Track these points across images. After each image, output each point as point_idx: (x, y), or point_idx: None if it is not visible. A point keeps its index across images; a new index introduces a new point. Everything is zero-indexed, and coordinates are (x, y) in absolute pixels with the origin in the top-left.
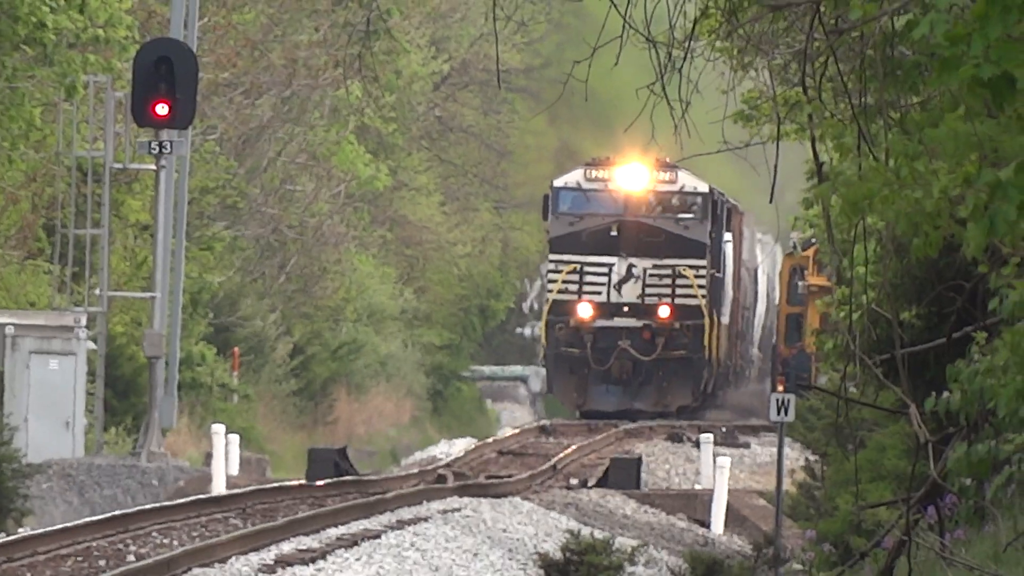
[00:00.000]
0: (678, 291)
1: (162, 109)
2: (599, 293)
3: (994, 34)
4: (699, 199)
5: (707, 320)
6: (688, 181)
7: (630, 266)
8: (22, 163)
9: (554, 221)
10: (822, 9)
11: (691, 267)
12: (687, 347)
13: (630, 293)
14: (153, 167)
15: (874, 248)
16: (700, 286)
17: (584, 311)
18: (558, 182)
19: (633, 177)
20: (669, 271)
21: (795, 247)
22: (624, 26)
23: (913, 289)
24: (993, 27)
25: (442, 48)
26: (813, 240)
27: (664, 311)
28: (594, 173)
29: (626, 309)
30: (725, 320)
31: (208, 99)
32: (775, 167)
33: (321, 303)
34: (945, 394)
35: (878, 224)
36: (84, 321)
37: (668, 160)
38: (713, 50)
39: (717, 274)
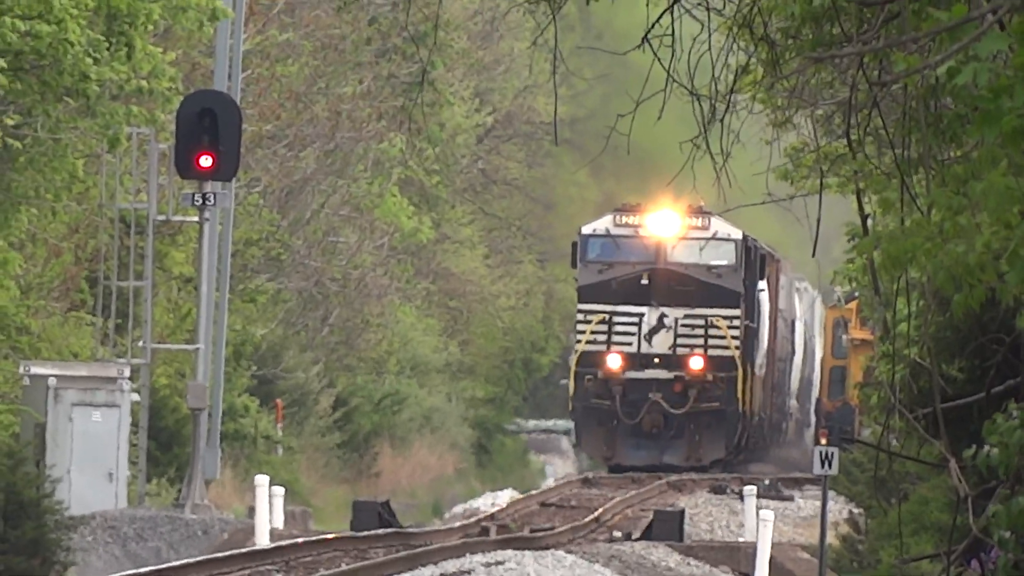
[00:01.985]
0: (711, 341)
1: (206, 161)
2: (629, 344)
3: None
4: (732, 246)
5: (740, 371)
6: (721, 227)
7: (661, 315)
8: (65, 215)
9: (583, 269)
10: (865, 60)
11: (724, 317)
12: (720, 399)
13: (661, 344)
14: (196, 219)
15: (916, 302)
16: (734, 336)
17: (613, 362)
18: (586, 229)
19: (664, 223)
20: (702, 321)
21: (839, 300)
22: (668, 79)
23: (956, 342)
24: None
25: (486, 100)
26: (856, 293)
27: (696, 362)
28: (624, 219)
29: (657, 360)
30: (760, 372)
31: (252, 151)
32: (818, 220)
33: (364, 355)
34: (985, 448)
35: (920, 278)
36: (127, 373)
37: (700, 206)
38: (756, 102)
39: (751, 324)
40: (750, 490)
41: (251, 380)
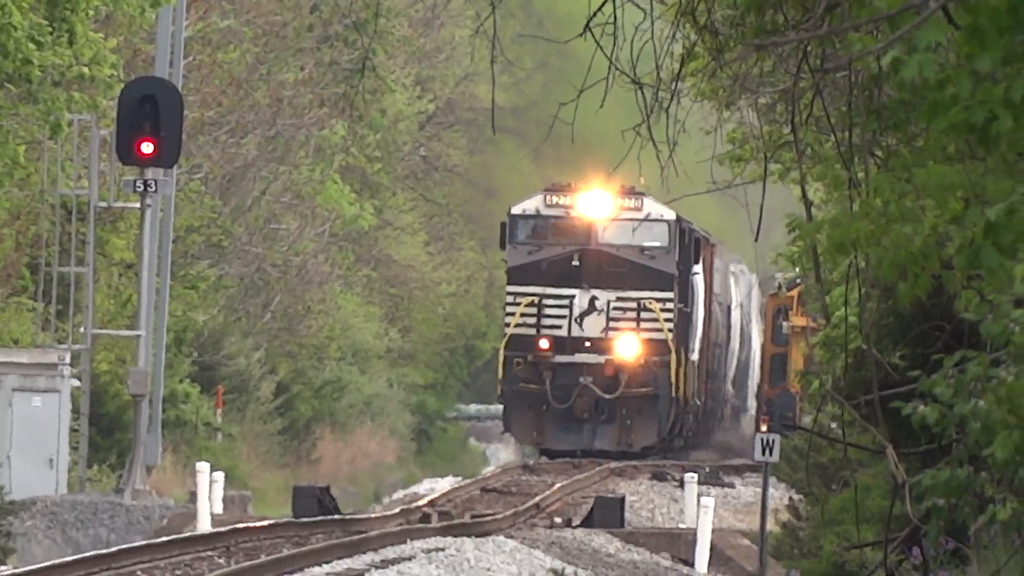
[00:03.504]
0: (643, 325)
1: (147, 148)
2: (559, 327)
3: (985, 65)
4: (665, 227)
5: (674, 356)
6: (654, 208)
7: (592, 298)
8: (6, 201)
9: (512, 250)
10: (808, 48)
11: (657, 299)
12: (652, 384)
13: (592, 327)
14: (138, 206)
15: (859, 289)
16: (667, 320)
17: (543, 346)
18: (516, 209)
19: (596, 204)
20: (634, 304)
21: (779, 288)
22: (610, 68)
23: (898, 329)
24: (981, 62)
25: (427, 87)
26: (798, 280)
27: (628, 346)
28: (554, 199)
29: (588, 344)
30: (694, 356)
31: (193, 138)
32: (761, 206)
33: (305, 342)
34: (921, 406)
35: (861, 264)
36: (68, 359)
37: (633, 186)
38: (699, 92)
39: (685, 308)
40: (691, 477)
41: (192, 366)
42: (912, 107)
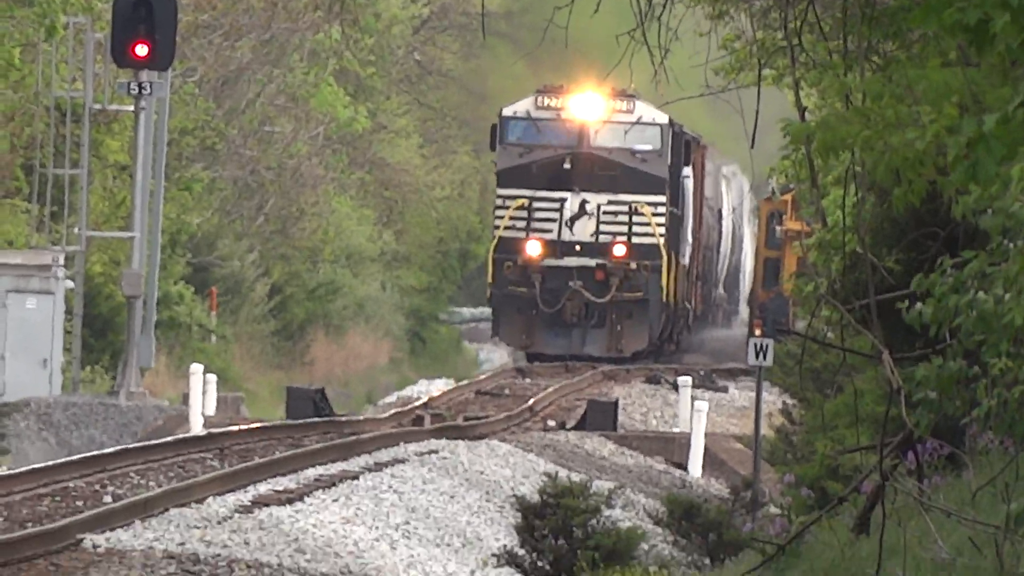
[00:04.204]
0: (634, 229)
1: (142, 50)
2: (550, 230)
3: None
4: (658, 130)
5: (665, 260)
6: (646, 111)
7: (583, 201)
8: (1, 103)
9: (502, 152)
10: None
11: (649, 203)
12: (643, 288)
13: (583, 231)
14: (132, 108)
15: (854, 192)
16: (658, 223)
17: (533, 249)
18: (507, 110)
19: (588, 106)
20: (625, 207)
21: (773, 192)
22: None
23: (893, 234)
24: None
25: None
26: (791, 185)
27: (619, 250)
28: (546, 101)
29: (578, 248)
30: (685, 261)
31: (188, 41)
32: (756, 112)
33: (299, 244)
34: (917, 305)
35: (855, 167)
36: (62, 260)
37: (624, 89)
38: None
39: (676, 211)
40: (684, 381)
41: (186, 268)
42: (908, 12)
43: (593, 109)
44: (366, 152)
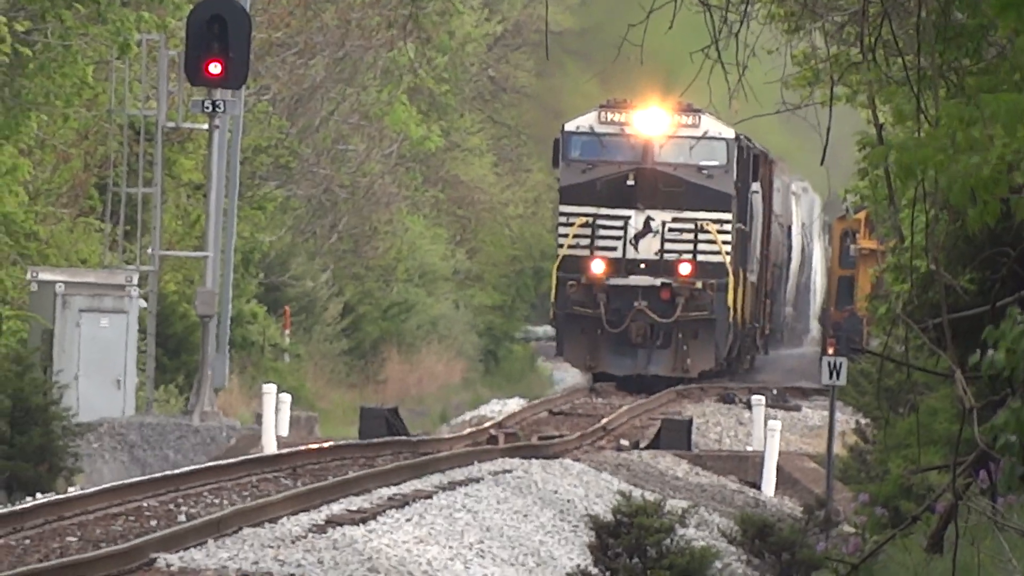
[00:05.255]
0: (700, 247)
1: (215, 68)
2: (614, 248)
3: None
4: (724, 145)
5: (732, 278)
6: (712, 126)
7: (648, 219)
8: (74, 121)
9: (565, 169)
10: None
11: (714, 220)
12: (709, 308)
13: (648, 248)
14: (206, 126)
15: (928, 212)
16: (724, 241)
17: (597, 268)
18: (569, 126)
19: (652, 121)
20: (691, 225)
21: (847, 210)
22: None
23: (967, 253)
24: None
25: (495, 9)
26: (864, 204)
27: (685, 268)
28: (609, 116)
29: (643, 266)
30: (753, 278)
31: (261, 59)
32: (828, 128)
33: (372, 263)
34: (989, 352)
35: (931, 188)
36: (136, 279)
37: (690, 103)
38: (768, 14)
39: (744, 228)
40: (758, 399)
41: (259, 287)
42: (984, 31)
43: (657, 124)
44: (439, 170)
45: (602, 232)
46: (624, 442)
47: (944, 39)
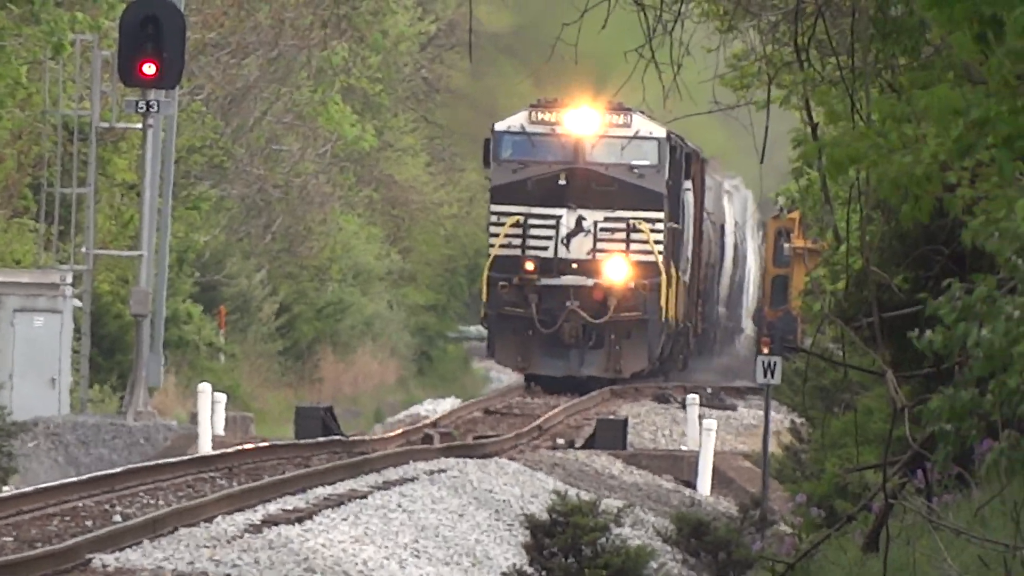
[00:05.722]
0: (632, 246)
1: (149, 68)
2: (545, 248)
3: None
4: (655, 144)
5: (664, 278)
6: (643, 125)
7: (580, 218)
8: (8, 121)
9: (496, 168)
10: None
11: (647, 220)
12: (642, 308)
13: (579, 248)
14: (139, 126)
15: (860, 210)
16: (657, 241)
17: (529, 268)
18: (500, 125)
19: (583, 120)
20: (623, 224)
21: (781, 209)
22: None
23: (902, 252)
24: None
25: (429, 9)
26: (795, 205)
27: (617, 268)
28: (540, 116)
29: (575, 266)
30: (685, 278)
31: (195, 59)
32: (765, 128)
33: (307, 263)
34: (927, 332)
35: (861, 185)
36: (70, 279)
37: (620, 102)
38: (702, 12)
39: (676, 227)
40: (692, 399)
41: (194, 287)
42: (923, 28)
43: (589, 123)
44: (373, 170)
45: (533, 232)
46: (559, 441)
47: (881, 35)
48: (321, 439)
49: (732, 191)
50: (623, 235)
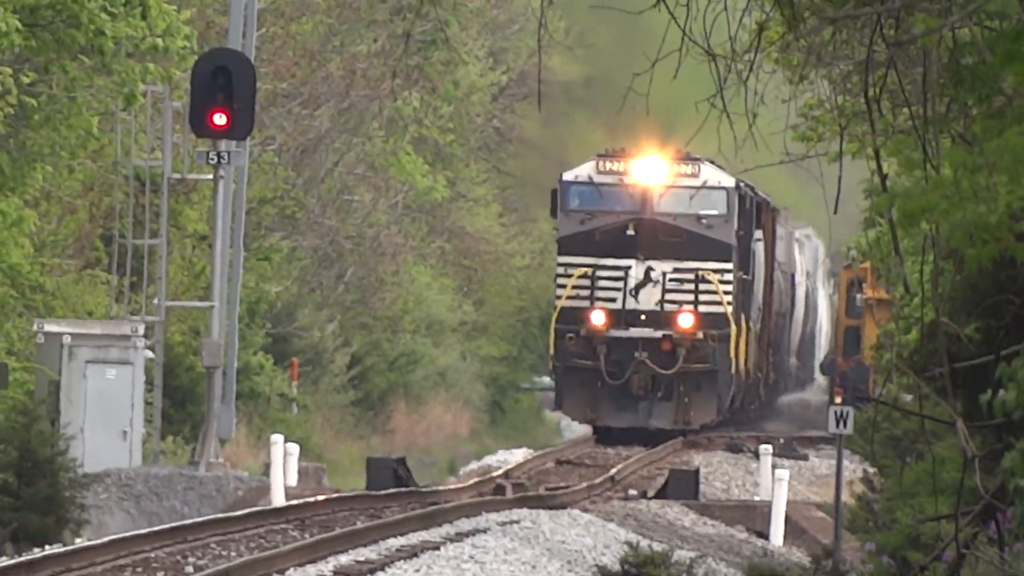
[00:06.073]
0: (701, 297)
1: (220, 119)
2: (614, 300)
3: None
4: (724, 194)
5: (734, 329)
6: (712, 175)
7: (648, 269)
8: (80, 173)
9: (563, 219)
10: (883, 20)
11: (715, 270)
12: (711, 359)
13: (648, 299)
14: (211, 177)
15: (933, 260)
16: (726, 291)
17: (597, 319)
18: (567, 175)
19: (651, 170)
20: (691, 275)
21: (853, 259)
22: (683, 39)
23: (972, 302)
24: None
25: (500, 59)
26: (866, 257)
27: (686, 320)
28: (608, 165)
29: (643, 317)
30: (755, 328)
31: (266, 109)
32: (839, 179)
33: (379, 314)
34: (1000, 392)
35: (933, 233)
36: (142, 330)
37: (689, 152)
38: (772, 62)
39: (746, 277)
40: (765, 449)
41: (266, 338)
42: (997, 75)
43: (656, 173)
44: (445, 220)
45: (601, 283)
46: (632, 492)
47: (954, 84)
48: (393, 490)
49: (803, 240)
50: (692, 286)
